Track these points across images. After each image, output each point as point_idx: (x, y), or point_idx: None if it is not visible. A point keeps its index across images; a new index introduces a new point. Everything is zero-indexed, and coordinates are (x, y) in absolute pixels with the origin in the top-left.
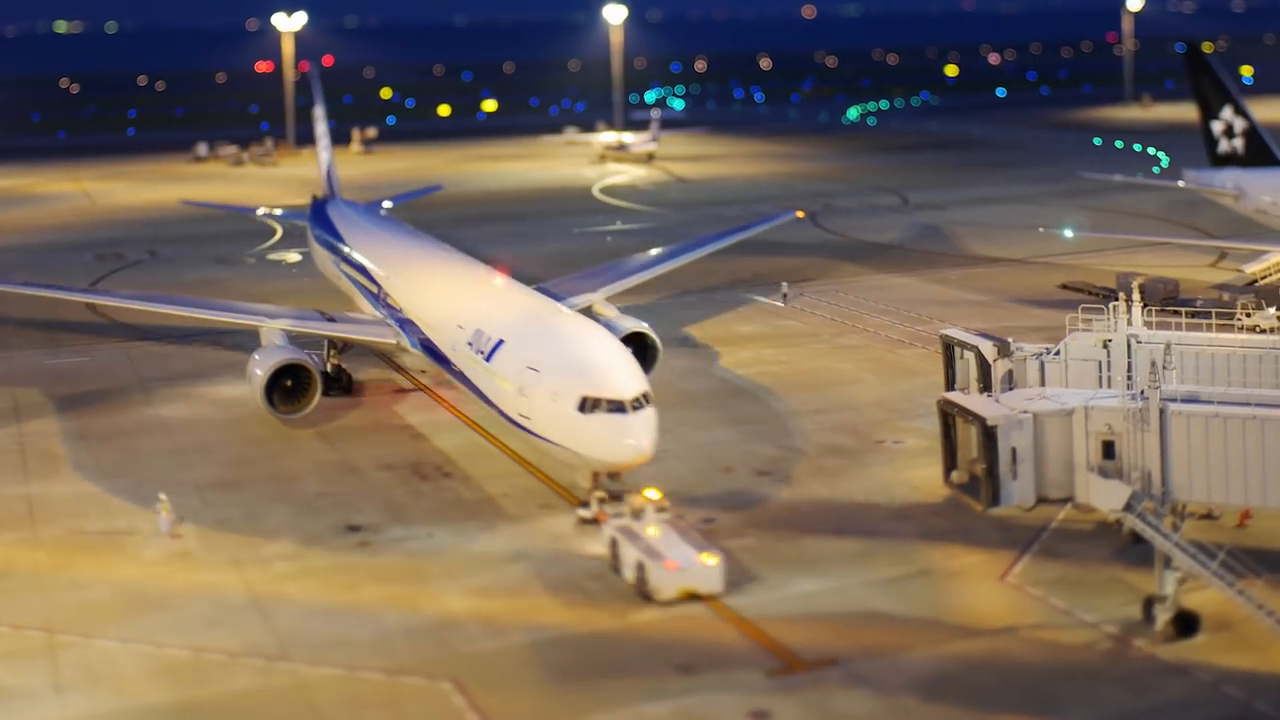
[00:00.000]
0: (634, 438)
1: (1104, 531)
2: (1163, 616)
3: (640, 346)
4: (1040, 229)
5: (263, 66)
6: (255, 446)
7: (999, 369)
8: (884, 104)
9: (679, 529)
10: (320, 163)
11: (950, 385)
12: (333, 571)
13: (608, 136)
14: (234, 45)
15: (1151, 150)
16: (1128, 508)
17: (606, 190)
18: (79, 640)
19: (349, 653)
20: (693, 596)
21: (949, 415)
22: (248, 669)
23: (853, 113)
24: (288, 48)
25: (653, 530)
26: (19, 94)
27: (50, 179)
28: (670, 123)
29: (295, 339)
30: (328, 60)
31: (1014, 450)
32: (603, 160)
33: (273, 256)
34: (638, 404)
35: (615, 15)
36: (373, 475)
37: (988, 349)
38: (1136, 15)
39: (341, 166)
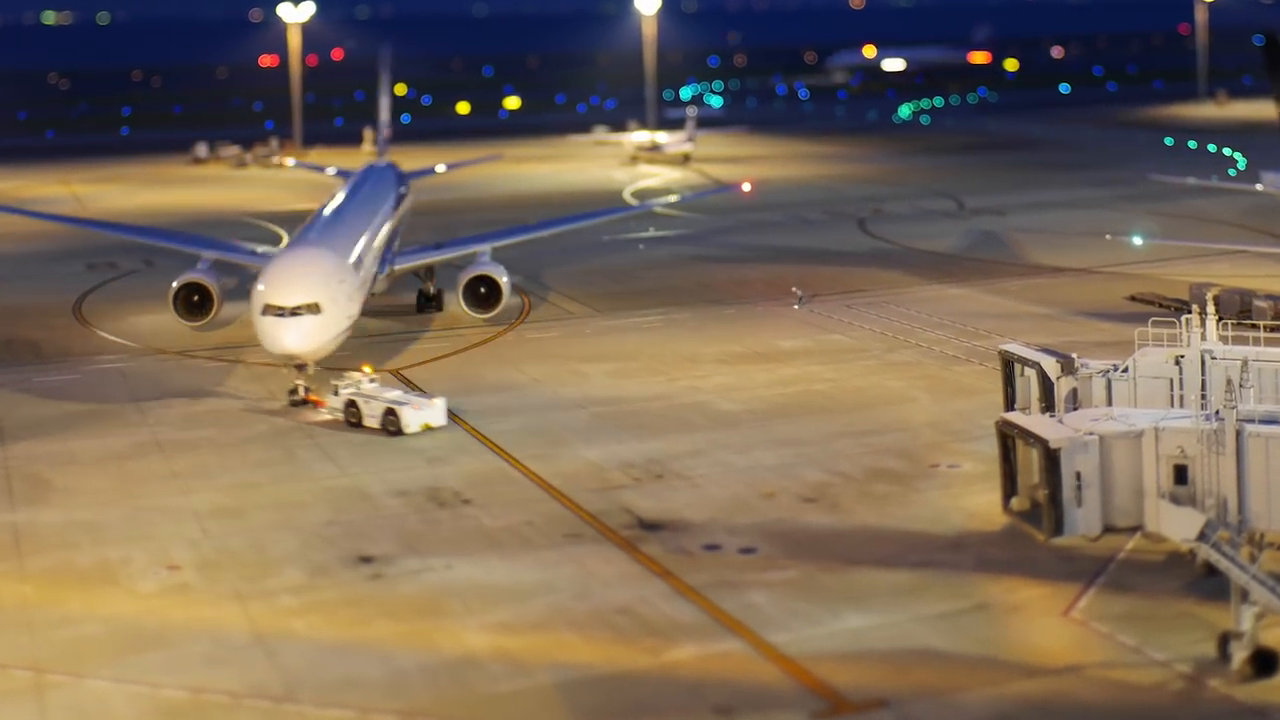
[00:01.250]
0: (289, 337)
1: (1176, 563)
2: (1239, 654)
3: (491, 286)
4: (1107, 236)
5: (267, 60)
6: (258, 470)
7: (1063, 387)
8: (938, 101)
9: (391, 385)
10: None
11: (1010, 405)
12: (343, 606)
13: (640, 136)
14: (236, 38)
15: (1227, 151)
16: (1201, 537)
17: (639, 194)
18: (69, 680)
19: (360, 694)
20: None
21: (1009, 437)
22: (251, 712)
23: (904, 110)
24: (294, 40)
25: (379, 389)
26: (4, 90)
27: (38, 182)
28: (707, 121)
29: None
30: (337, 54)
31: (1078, 475)
32: (634, 162)
33: None
34: (297, 312)
35: (648, 5)
36: (386, 502)
37: (1050, 366)
38: (1211, 5)
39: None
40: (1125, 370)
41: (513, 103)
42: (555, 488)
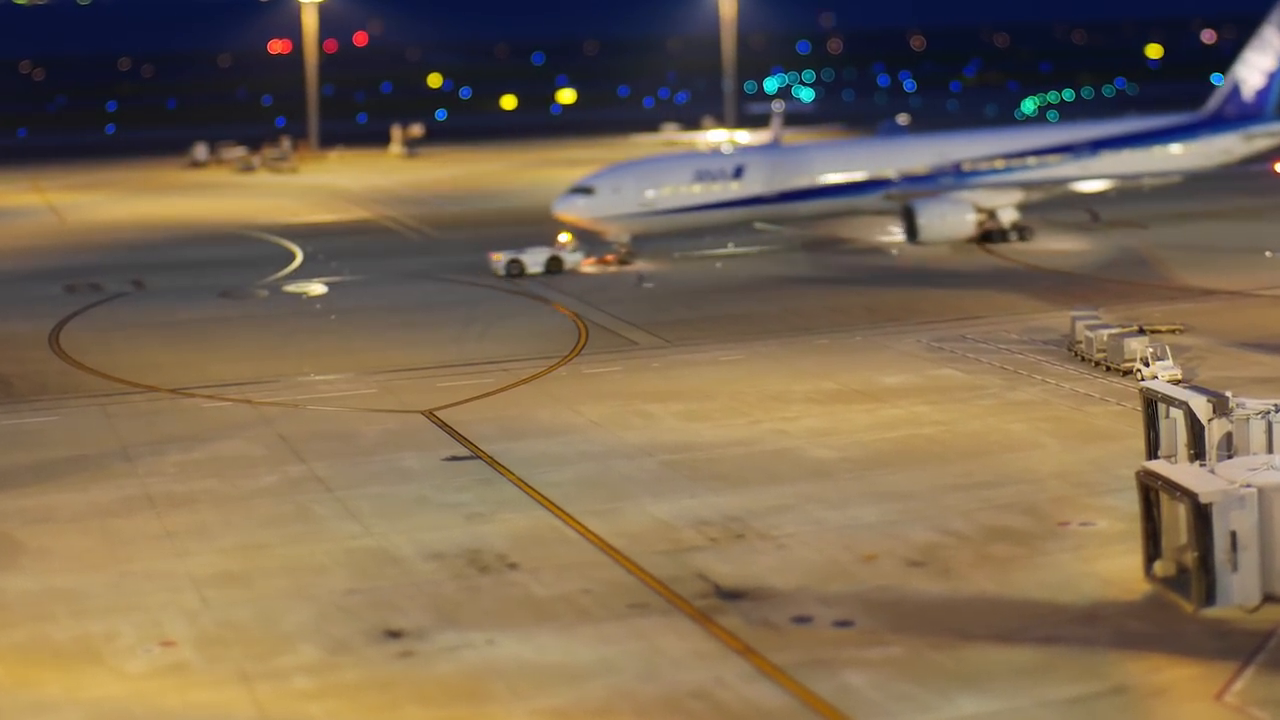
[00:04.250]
0: None
1: None
2: None
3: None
4: (1267, 253)
5: (278, 46)
6: (268, 528)
7: (1215, 431)
8: (1068, 94)
9: None
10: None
11: (1153, 453)
12: (367, 689)
13: (717, 135)
14: (241, 20)
15: None
16: None
17: None
18: None
19: None
20: None
21: (1151, 490)
22: None
23: (1029, 105)
24: (309, 23)
25: None
26: None
27: (7, 189)
28: (796, 118)
29: None
30: (360, 38)
31: (1233, 535)
32: None
33: (291, 288)
34: None
35: None
36: (418, 566)
37: (1201, 406)
38: None
39: (376, 173)
40: None
41: (567, 96)
42: (617, 550)
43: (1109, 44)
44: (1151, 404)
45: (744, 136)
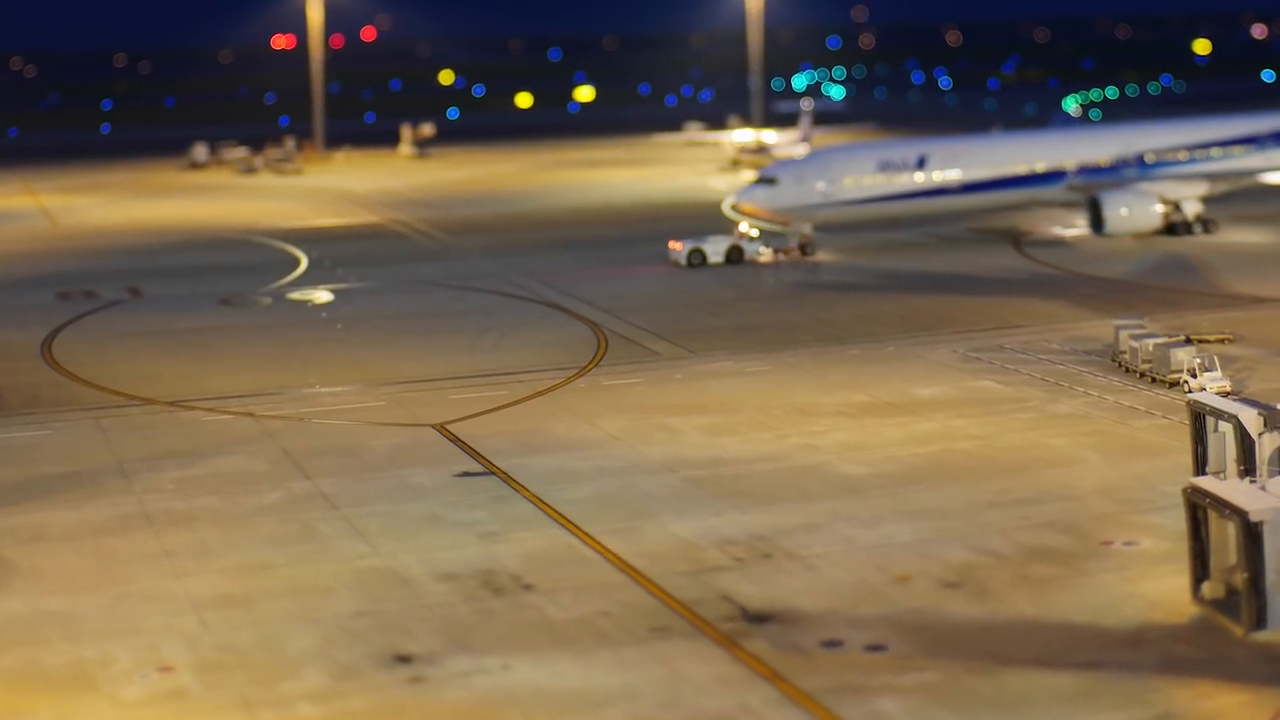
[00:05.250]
0: None
1: None
2: None
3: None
4: None
5: (281, 41)
6: (271, 548)
7: (1266, 445)
8: (1111, 91)
9: None
10: None
11: (1201, 468)
12: (375, 716)
13: (743, 135)
14: (243, 13)
15: None
16: None
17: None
18: None
19: None
20: None
21: (1199, 508)
22: None
23: (1070, 103)
24: (315, 17)
25: None
26: None
27: None
28: (826, 117)
29: None
30: (368, 33)
31: None
32: (736, 166)
33: (295, 296)
34: None
35: None
36: (429, 587)
37: (1251, 419)
38: None
39: (385, 175)
40: None
41: (585, 94)
42: (638, 570)
43: (1154, 39)
44: (1199, 417)
45: (771, 136)
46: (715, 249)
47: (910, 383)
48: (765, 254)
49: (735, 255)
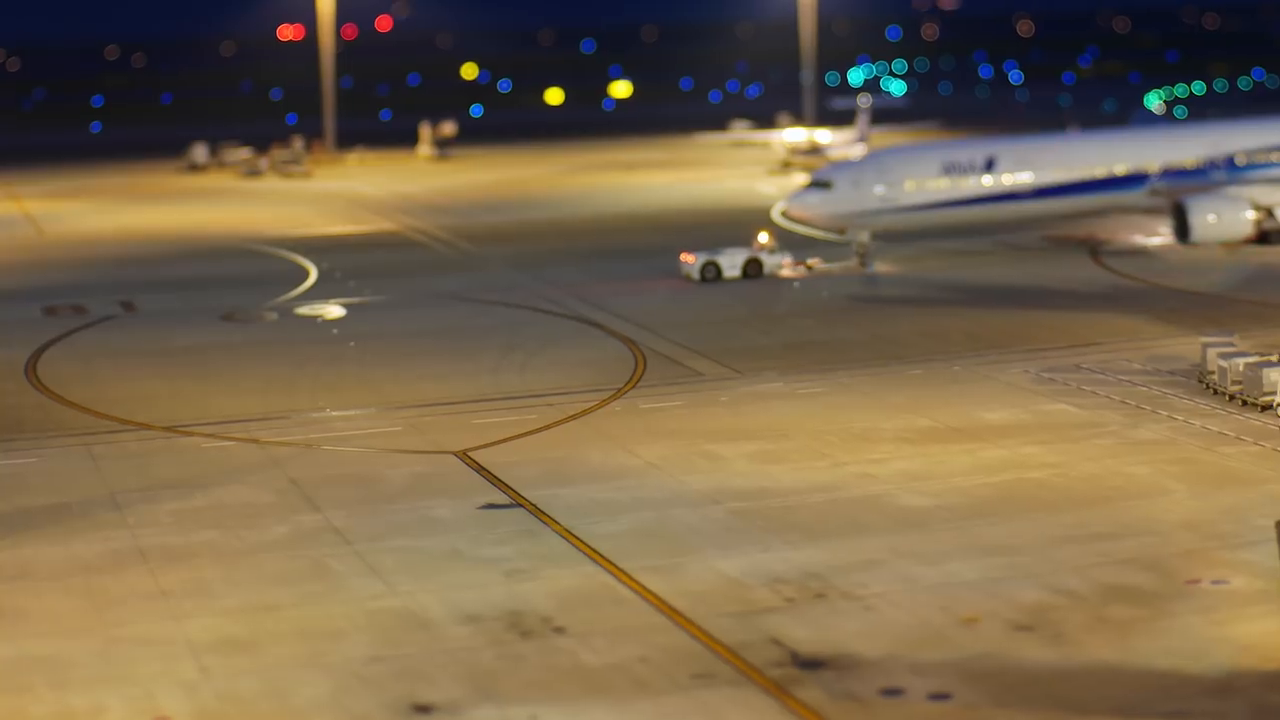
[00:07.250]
0: None
1: None
2: None
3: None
4: None
5: (289, 32)
6: (278, 587)
7: None
8: (1198, 86)
9: None
10: None
11: None
12: None
13: (794, 135)
14: (246, 2)
15: None
16: None
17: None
18: None
19: None
20: None
21: None
22: None
23: (1152, 99)
24: (325, 5)
25: None
26: None
27: None
28: (886, 114)
29: None
30: (383, 22)
31: None
32: (787, 168)
33: (303, 311)
34: None
35: None
36: (450, 630)
37: None
38: None
39: (401, 178)
40: None
41: (622, 89)
42: (679, 611)
43: (1245, 29)
44: None
45: (825, 136)
46: (732, 262)
47: (978, 406)
48: (786, 267)
49: (754, 269)
